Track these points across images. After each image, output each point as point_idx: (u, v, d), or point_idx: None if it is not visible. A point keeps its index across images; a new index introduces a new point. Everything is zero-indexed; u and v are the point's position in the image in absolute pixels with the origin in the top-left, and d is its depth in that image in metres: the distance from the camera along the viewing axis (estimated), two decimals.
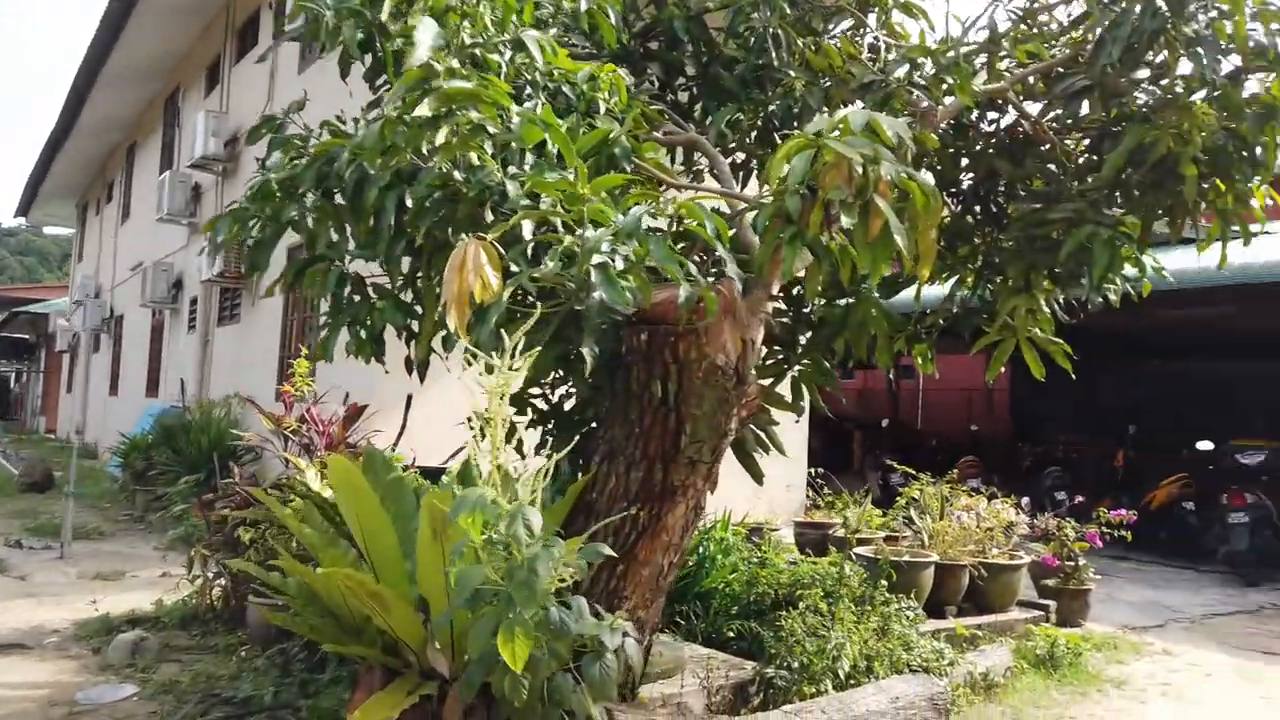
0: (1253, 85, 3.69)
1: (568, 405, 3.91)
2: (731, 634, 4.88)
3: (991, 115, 4.50)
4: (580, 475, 3.39)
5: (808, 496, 9.76)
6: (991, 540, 6.73)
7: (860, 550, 6.13)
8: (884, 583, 5.19)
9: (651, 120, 3.88)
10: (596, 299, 2.57)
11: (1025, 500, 7.83)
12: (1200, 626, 6.92)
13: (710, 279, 3.16)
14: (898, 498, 7.44)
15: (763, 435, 3.55)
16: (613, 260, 2.69)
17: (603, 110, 3.38)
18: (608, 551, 2.71)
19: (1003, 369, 4.60)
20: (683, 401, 2.96)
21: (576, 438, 3.62)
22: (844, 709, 3.73)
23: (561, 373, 3.49)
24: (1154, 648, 6.23)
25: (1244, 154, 3.54)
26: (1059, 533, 6.95)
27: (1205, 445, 9.46)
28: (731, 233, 3.18)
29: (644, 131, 3.63)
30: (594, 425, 3.50)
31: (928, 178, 4.01)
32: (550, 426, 3.89)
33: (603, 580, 3.07)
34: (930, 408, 26.70)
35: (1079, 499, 9.09)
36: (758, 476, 3.51)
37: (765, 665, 4.36)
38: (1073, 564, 6.80)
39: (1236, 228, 3.92)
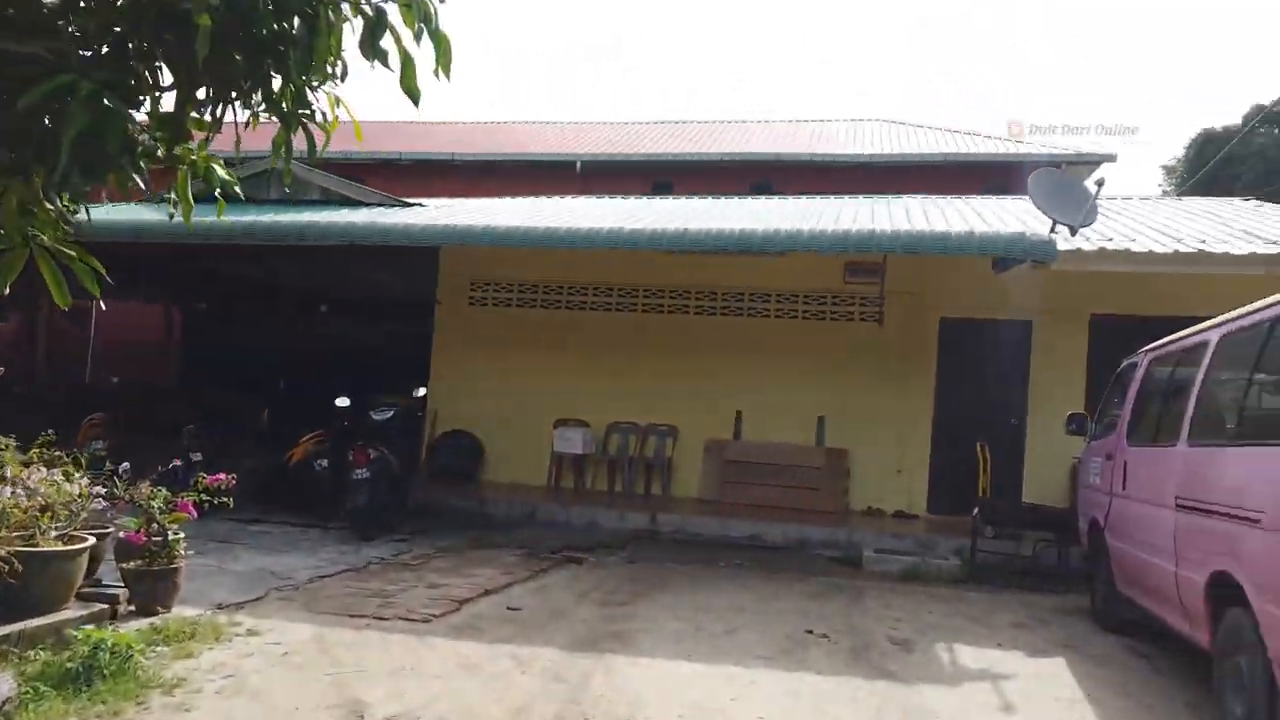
0: None
1: None
2: None
3: None
4: None
5: None
6: (50, 520, 5.27)
7: None
8: None
9: None
10: None
11: (124, 466, 6.53)
12: (302, 593, 6.50)
13: None
14: None
15: None
16: None
17: None
18: None
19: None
20: None
21: None
22: None
23: None
24: (241, 628, 5.51)
25: (290, 35, 2.79)
26: (148, 504, 5.80)
27: (343, 402, 9.39)
28: None
29: None
30: None
31: None
32: None
33: None
34: (112, 359, 23.34)
35: (195, 459, 8.16)
36: None
37: None
38: (160, 540, 5.73)
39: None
